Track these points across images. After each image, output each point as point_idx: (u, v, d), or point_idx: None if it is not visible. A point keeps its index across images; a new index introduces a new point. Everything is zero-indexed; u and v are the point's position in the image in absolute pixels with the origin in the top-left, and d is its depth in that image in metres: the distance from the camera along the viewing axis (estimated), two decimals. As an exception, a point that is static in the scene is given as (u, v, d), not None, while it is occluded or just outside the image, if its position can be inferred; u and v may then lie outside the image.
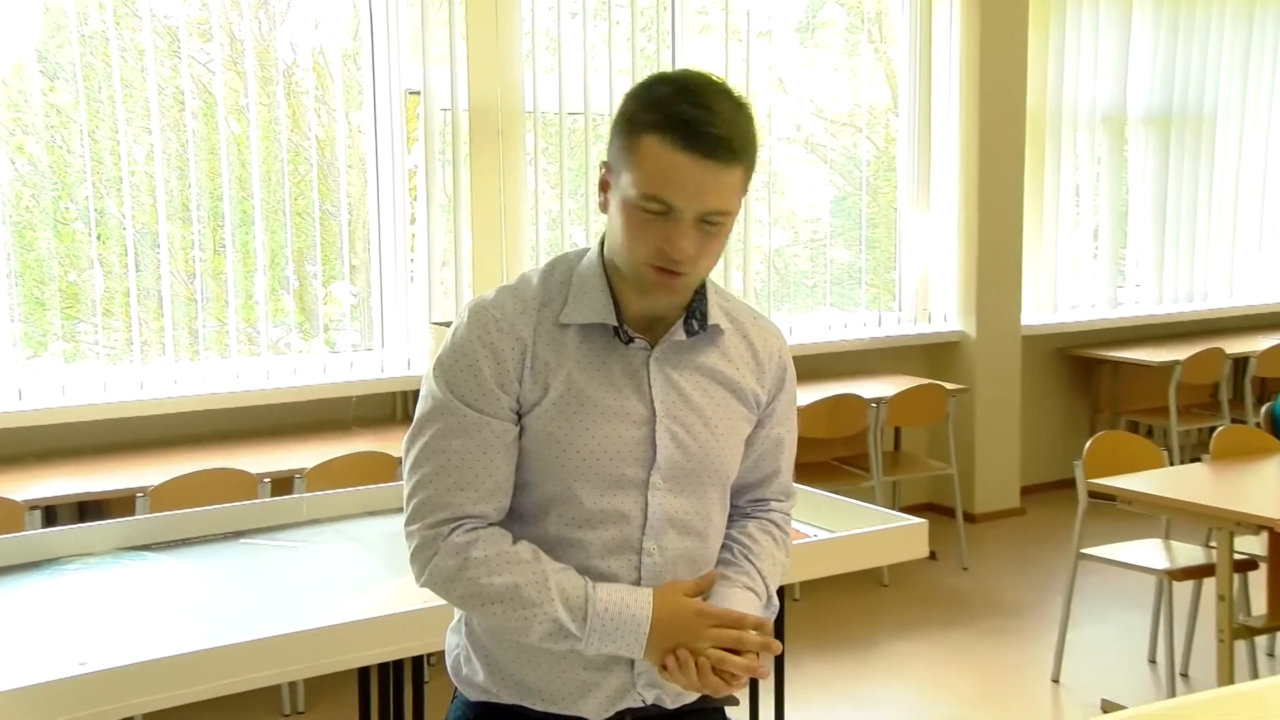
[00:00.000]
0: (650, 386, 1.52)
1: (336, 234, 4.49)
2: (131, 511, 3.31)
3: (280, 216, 4.33)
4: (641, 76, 1.64)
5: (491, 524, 1.50)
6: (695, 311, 1.55)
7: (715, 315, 1.58)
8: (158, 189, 4.08)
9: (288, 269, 4.42)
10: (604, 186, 1.49)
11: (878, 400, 4.92)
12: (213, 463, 3.63)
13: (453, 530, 1.47)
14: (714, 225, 1.43)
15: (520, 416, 1.51)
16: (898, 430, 5.46)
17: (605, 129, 4.90)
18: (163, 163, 4.10)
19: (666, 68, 4.99)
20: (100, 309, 4.09)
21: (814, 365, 5.38)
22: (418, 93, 4.51)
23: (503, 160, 4.64)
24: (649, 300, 1.50)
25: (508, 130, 4.64)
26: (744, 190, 1.45)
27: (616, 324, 1.51)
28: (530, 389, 1.49)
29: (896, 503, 5.52)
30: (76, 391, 4.00)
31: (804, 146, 5.59)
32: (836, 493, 2.88)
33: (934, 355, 5.85)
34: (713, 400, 1.57)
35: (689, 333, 1.55)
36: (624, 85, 4.76)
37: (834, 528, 2.63)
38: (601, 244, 1.55)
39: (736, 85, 1.48)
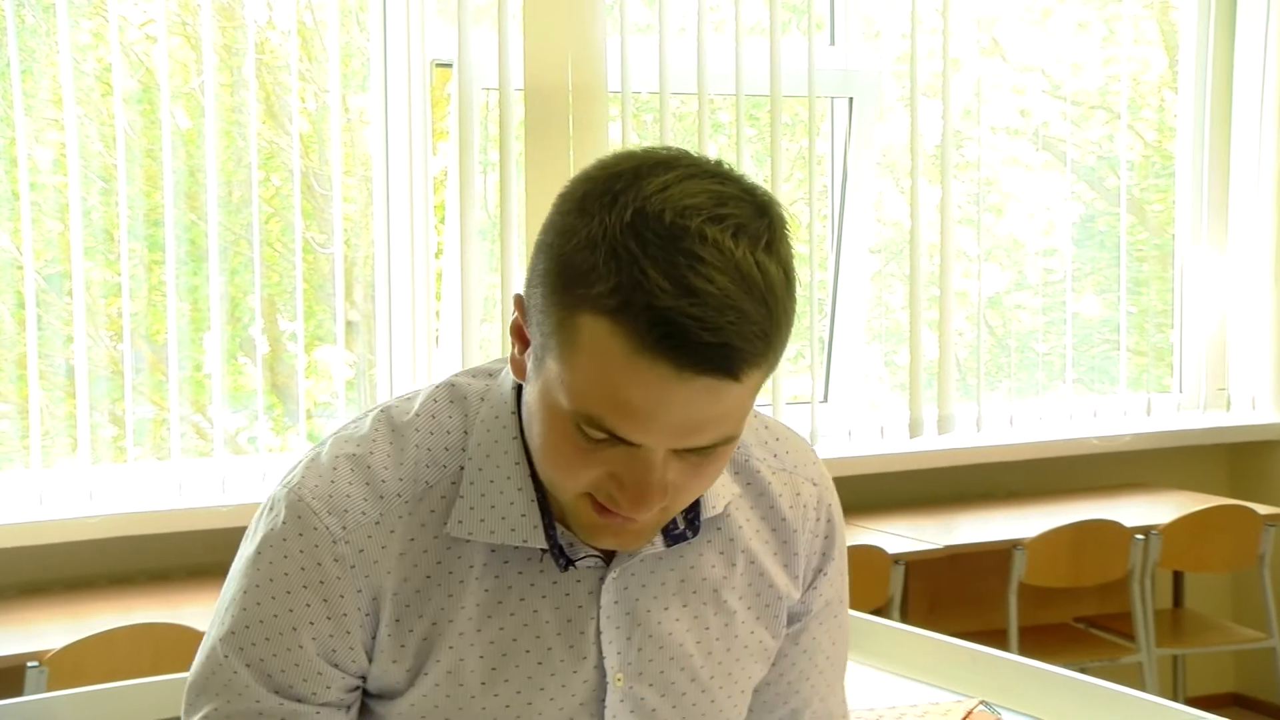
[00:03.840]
0: (599, 635, 1.45)
1: (327, 274, 4.56)
2: (19, 690, 3.34)
3: (245, 248, 4.41)
4: (787, 38, 1.65)
5: None
6: None
7: (719, 491, 1.46)
8: (71, 209, 4.18)
9: (254, 326, 4.49)
10: (519, 334, 1.35)
11: (1146, 530, 4.83)
12: (143, 615, 3.66)
13: None
14: (705, 454, 1.31)
15: (367, 696, 1.44)
16: (1179, 576, 5.36)
17: (728, 115, 4.94)
18: (79, 171, 4.20)
19: (823, 22, 5.03)
20: (-17, 385, 4.20)
21: (1048, 475, 5.30)
22: (449, 65, 4.59)
23: (574, 163, 4.69)
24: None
25: (583, 119, 4.69)
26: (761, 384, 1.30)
27: (545, 546, 1.41)
28: (391, 659, 1.41)
29: (1180, 691, 5.39)
30: (-54, 507, 4.10)
31: (1032, 141, 5.56)
32: (1083, 671, 2.78)
33: (1237, 461, 5.74)
34: (710, 632, 1.50)
35: (672, 538, 1.46)
36: (757, 51, 4.79)
37: (1082, 727, 2.59)
38: (518, 395, 1.42)
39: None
